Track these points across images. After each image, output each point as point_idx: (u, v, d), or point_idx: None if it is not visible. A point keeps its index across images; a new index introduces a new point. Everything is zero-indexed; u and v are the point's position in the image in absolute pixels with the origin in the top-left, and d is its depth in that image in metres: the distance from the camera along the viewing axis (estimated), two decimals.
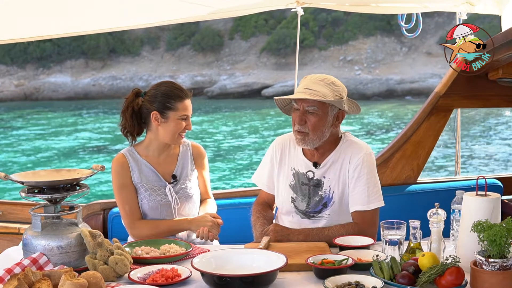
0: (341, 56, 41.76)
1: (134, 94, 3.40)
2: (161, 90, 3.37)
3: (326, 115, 3.16)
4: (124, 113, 3.38)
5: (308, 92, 3.13)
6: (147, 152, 3.45)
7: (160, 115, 3.33)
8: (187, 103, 3.37)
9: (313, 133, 3.16)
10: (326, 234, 3.11)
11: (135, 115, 3.38)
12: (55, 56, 43.44)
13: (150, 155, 3.44)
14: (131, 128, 3.39)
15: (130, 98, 3.39)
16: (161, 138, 3.39)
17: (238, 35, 45.05)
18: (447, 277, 2.37)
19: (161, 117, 3.33)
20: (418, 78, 37.38)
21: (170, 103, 3.32)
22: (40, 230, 2.66)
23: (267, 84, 39.00)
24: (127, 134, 3.43)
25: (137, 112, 3.38)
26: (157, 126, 3.36)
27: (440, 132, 4.25)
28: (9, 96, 40.07)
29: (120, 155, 3.43)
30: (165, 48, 44.99)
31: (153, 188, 3.38)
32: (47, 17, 4.50)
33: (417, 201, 4.20)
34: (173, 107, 3.33)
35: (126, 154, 3.42)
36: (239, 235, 3.57)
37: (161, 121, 3.34)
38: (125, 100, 3.40)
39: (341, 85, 3.21)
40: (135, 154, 3.43)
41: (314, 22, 41.51)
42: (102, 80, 42.17)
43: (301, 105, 3.17)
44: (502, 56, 3.42)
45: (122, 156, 3.41)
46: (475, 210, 2.63)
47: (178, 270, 2.63)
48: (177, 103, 3.33)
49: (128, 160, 3.40)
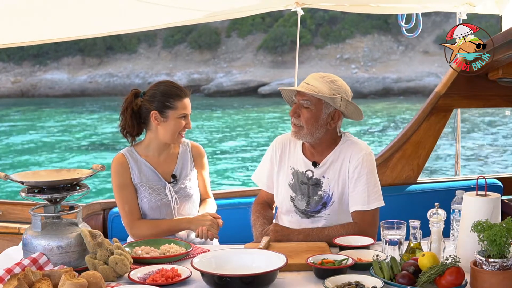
0: (338, 55, 41.75)
1: (133, 94, 3.40)
2: (160, 89, 3.37)
3: (320, 111, 3.17)
4: (124, 113, 3.38)
5: (305, 86, 3.18)
6: (147, 152, 3.44)
7: (159, 114, 3.33)
8: (186, 101, 3.37)
9: (307, 127, 3.18)
10: (326, 234, 3.11)
11: (135, 115, 3.38)
12: (51, 53, 43.34)
13: (150, 155, 3.44)
14: (131, 128, 3.39)
15: (129, 98, 3.39)
16: (161, 138, 3.39)
17: (235, 33, 45.00)
18: (447, 277, 2.38)
19: (160, 116, 3.33)
20: (415, 76, 37.38)
21: (169, 102, 3.32)
22: (40, 230, 2.66)
23: (263, 82, 38.97)
24: (126, 134, 3.42)
25: (136, 112, 3.38)
26: (156, 126, 3.36)
27: (440, 132, 4.26)
28: (6, 92, 39.99)
29: (120, 155, 3.42)
30: (162, 46, 44.91)
31: (153, 188, 3.38)
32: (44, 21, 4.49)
33: (417, 201, 4.20)
34: (172, 106, 3.33)
35: (125, 154, 3.42)
36: (239, 235, 3.56)
37: (160, 121, 3.34)
38: (124, 101, 3.40)
39: (343, 86, 3.21)
40: (135, 154, 3.43)
41: (311, 20, 41.47)
42: (98, 77, 42.09)
43: (298, 98, 3.22)
44: (502, 56, 3.43)
45: (122, 156, 3.41)
46: (475, 210, 2.63)
47: (178, 270, 2.63)
48: (176, 102, 3.33)
49: (128, 160, 3.39)
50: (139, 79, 40.93)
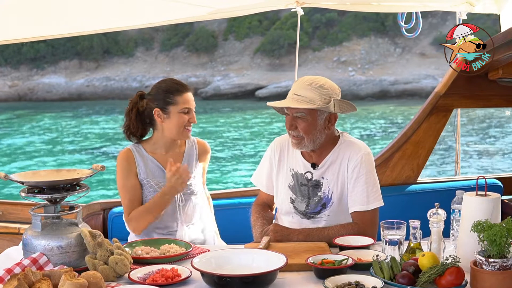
0: (335, 57, 41.77)
1: (139, 96, 3.45)
2: (161, 87, 3.42)
3: (316, 119, 3.16)
4: (129, 114, 3.43)
5: (295, 98, 3.13)
6: (154, 149, 3.48)
7: (161, 111, 3.37)
8: (186, 96, 3.41)
9: (307, 137, 3.17)
10: (326, 234, 3.11)
11: (140, 116, 3.42)
12: (49, 57, 43.31)
13: (157, 152, 3.47)
14: (135, 129, 3.44)
15: (135, 99, 3.44)
16: (167, 134, 3.43)
17: (232, 36, 45.01)
18: (447, 277, 2.38)
19: (162, 113, 3.37)
20: (412, 79, 37.41)
21: (170, 97, 3.36)
22: (40, 230, 2.65)
23: (261, 85, 38.97)
24: (130, 135, 3.46)
25: (141, 113, 3.42)
26: (161, 123, 3.40)
27: (440, 132, 4.26)
28: (3, 97, 39.92)
29: (127, 149, 3.46)
30: (159, 49, 44.90)
31: (158, 185, 3.39)
32: (41, 17, 4.48)
33: (417, 201, 4.21)
34: (172, 101, 3.37)
35: (132, 149, 3.46)
36: (239, 235, 3.56)
37: (163, 117, 3.38)
38: (130, 102, 3.44)
39: (331, 87, 3.17)
40: (142, 150, 3.46)
41: (308, 23, 41.47)
42: (96, 81, 42.04)
43: (290, 110, 3.18)
44: (502, 56, 3.44)
45: (129, 151, 3.44)
46: (475, 210, 2.63)
47: (178, 270, 2.63)
48: (176, 97, 3.37)
49: (135, 155, 3.43)
50: (137, 83, 40.91)
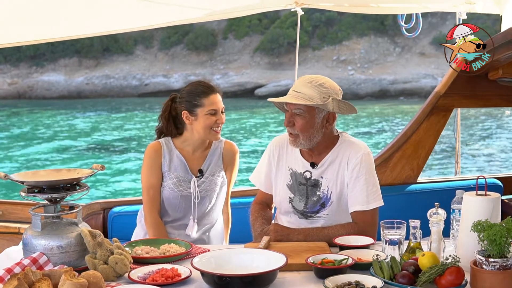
0: (334, 56, 41.81)
1: (171, 99, 3.59)
2: (188, 90, 3.52)
3: (314, 117, 3.15)
4: (162, 116, 3.58)
5: (295, 94, 3.14)
6: (183, 146, 3.58)
7: (189, 113, 3.47)
8: (212, 98, 3.48)
9: (302, 135, 3.16)
10: (326, 233, 3.11)
11: (173, 119, 3.57)
12: (48, 55, 43.32)
13: (185, 149, 3.58)
14: (168, 131, 3.58)
15: (167, 103, 3.59)
16: (196, 135, 3.52)
17: (232, 35, 45.02)
18: (447, 277, 2.37)
19: (190, 115, 3.47)
20: (411, 78, 37.46)
21: (196, 100, 3.46)
22: (40, 229, 2.65)
23: (260, 84, 39.01)
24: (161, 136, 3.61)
25: (174, 116, 3.56)
26: (190, 125, 3.50)
27: (440, 132, 4.27)
28: (3, 94, 39.95)
29: (156, 142, 3.58)
30: (159, 47, 44.91)
31: (178, 179, 3.50)
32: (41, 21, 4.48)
33: (417, 201, 4.21)
34: (199, 103, 3.45)
35: (162, 142, 3.57)
36: (239, 235, 3.56)
37: (191, 119, 3.48)
38: (163, 105, 3.58)
39: (332, 86, 3.17)
40: (171, 144, 3.57)
41: (308, 22, 41.49)
42: (95, 79, 42.07)
43: (289, 107, 3.19)
44: (502, 56, 3.44)
45: (158, 143, 3.56)
46: (475, 210, 2.63)
47: (178, 269, 2.62)
48: (202, 99, 3.45)
49: (163, 148, 3.54)
50: (136, 81, 40.94)
